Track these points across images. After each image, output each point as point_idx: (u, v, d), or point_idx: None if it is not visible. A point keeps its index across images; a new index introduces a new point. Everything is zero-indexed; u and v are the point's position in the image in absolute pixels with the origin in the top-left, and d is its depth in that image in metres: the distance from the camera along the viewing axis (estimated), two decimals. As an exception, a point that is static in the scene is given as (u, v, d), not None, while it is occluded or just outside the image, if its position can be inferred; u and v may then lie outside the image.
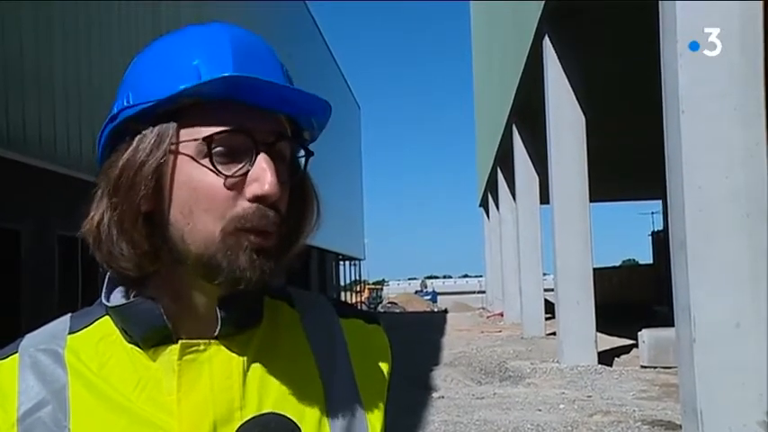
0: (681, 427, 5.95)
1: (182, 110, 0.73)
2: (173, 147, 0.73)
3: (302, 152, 0.81)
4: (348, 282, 45.19)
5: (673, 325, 5.77)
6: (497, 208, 26.13)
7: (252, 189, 0.73)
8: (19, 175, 8.31)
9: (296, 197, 0.79)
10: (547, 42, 11.87)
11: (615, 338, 14.32)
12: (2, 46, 7.51)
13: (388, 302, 48.13)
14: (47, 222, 9.22)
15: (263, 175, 0.72)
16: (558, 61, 11.76)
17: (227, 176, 0.72)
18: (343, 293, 41.37)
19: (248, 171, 0.73)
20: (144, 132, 0.74)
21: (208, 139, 0.72)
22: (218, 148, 0.73)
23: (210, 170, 0.72)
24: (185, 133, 0.73)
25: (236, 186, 0.73)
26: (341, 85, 36.89)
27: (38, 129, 8.15)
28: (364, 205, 46.98)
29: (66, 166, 8.77)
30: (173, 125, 0.73)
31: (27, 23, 7.96)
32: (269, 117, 0.75)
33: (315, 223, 0.82)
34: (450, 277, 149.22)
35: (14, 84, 7.71)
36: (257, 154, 0.73)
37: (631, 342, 12.98)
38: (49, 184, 8.94)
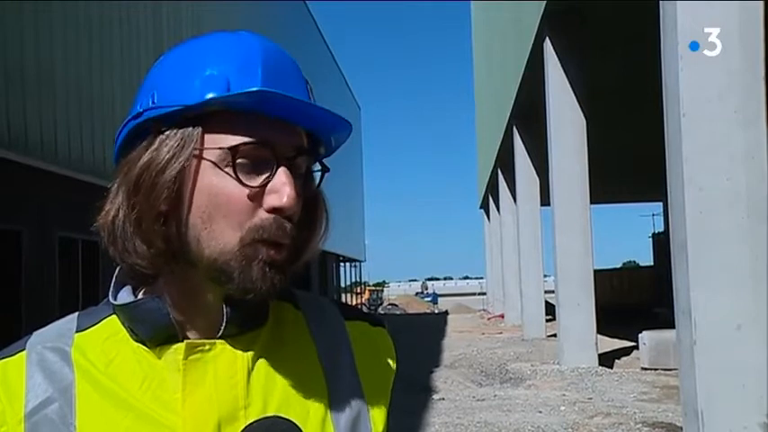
0: (681, 429, 5.94)
1: (206, 116, 0.74)
2: (196, 152, 0.74)
3: (317, 166, 0.82)
4: (348, 283, 45.21)
5: (673, 327, 5.76)
6: (498, 210, 26.14)
7: (270, 200, 0.74)
8: (19, 175, 8.32)
9: (307, 210, 0.80)
10: (547, 44, 11.87)
11: (616, 340, 14.32)
12: (2, 47, 7.52)
13: (389, 304, 48.09)
14: (47, 222, 9.22)
15: (282, 188, 0.74)
16: (558, 63, 11.76)
17: (251, 188, 0.73)
18: (343, 295, 41.36)
19: (268, 183, 0.74)
20: (167, 133, 0.74)
21: (233, 150, 0.73)
22: (241, 159, 0.74)
23: (232, 178, 0.73)
24: (209, 139, 0.74)
25: (256, 197, 0.74)
26: (341, 86, 36.92)
27: (39, 130, 8.15)
28: (365, 207, 47.05)
29: (67, 167, 8.78)
30: (197, 130, 0.74)
31: (28, 24, 7.96)
32: (291, 130, 0.76)
33: (323, 237, 0.83)
34: (451, 279, 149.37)
35: (15, 85, 7.71)
36: (278, 167, 0.74)
37: (632, 344, 12.97)
38: (50, 185, 8.95)
